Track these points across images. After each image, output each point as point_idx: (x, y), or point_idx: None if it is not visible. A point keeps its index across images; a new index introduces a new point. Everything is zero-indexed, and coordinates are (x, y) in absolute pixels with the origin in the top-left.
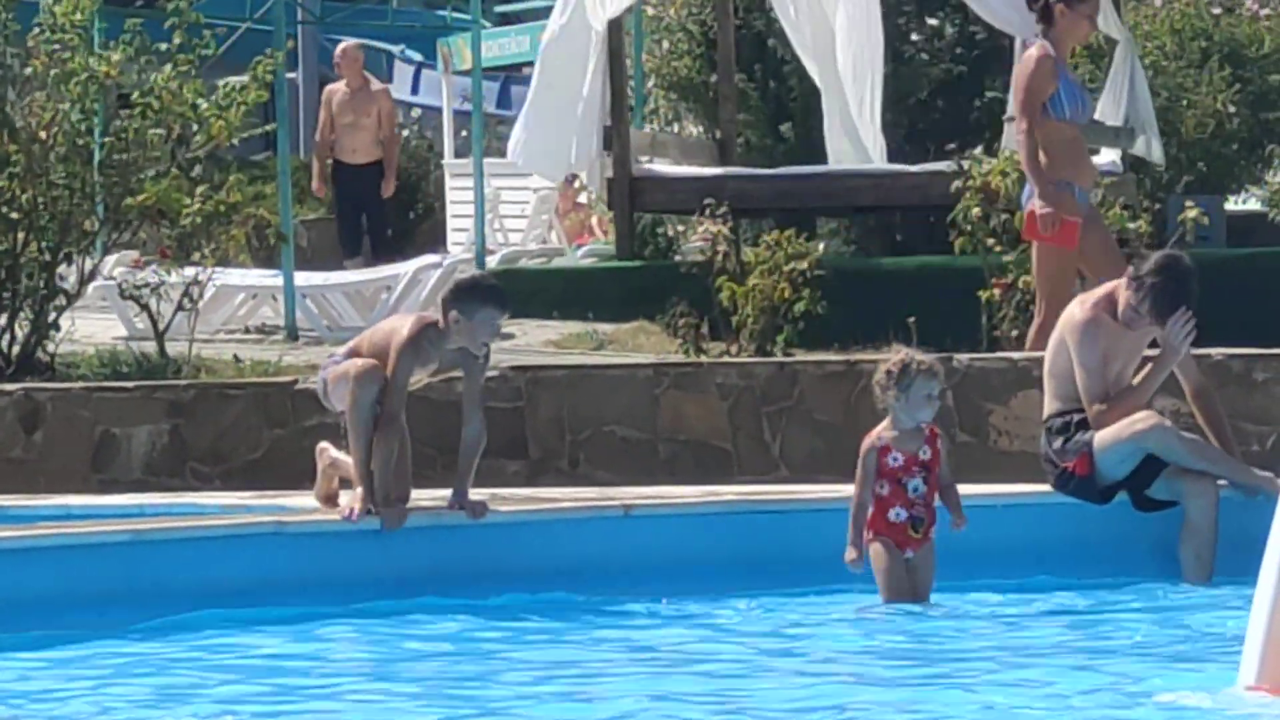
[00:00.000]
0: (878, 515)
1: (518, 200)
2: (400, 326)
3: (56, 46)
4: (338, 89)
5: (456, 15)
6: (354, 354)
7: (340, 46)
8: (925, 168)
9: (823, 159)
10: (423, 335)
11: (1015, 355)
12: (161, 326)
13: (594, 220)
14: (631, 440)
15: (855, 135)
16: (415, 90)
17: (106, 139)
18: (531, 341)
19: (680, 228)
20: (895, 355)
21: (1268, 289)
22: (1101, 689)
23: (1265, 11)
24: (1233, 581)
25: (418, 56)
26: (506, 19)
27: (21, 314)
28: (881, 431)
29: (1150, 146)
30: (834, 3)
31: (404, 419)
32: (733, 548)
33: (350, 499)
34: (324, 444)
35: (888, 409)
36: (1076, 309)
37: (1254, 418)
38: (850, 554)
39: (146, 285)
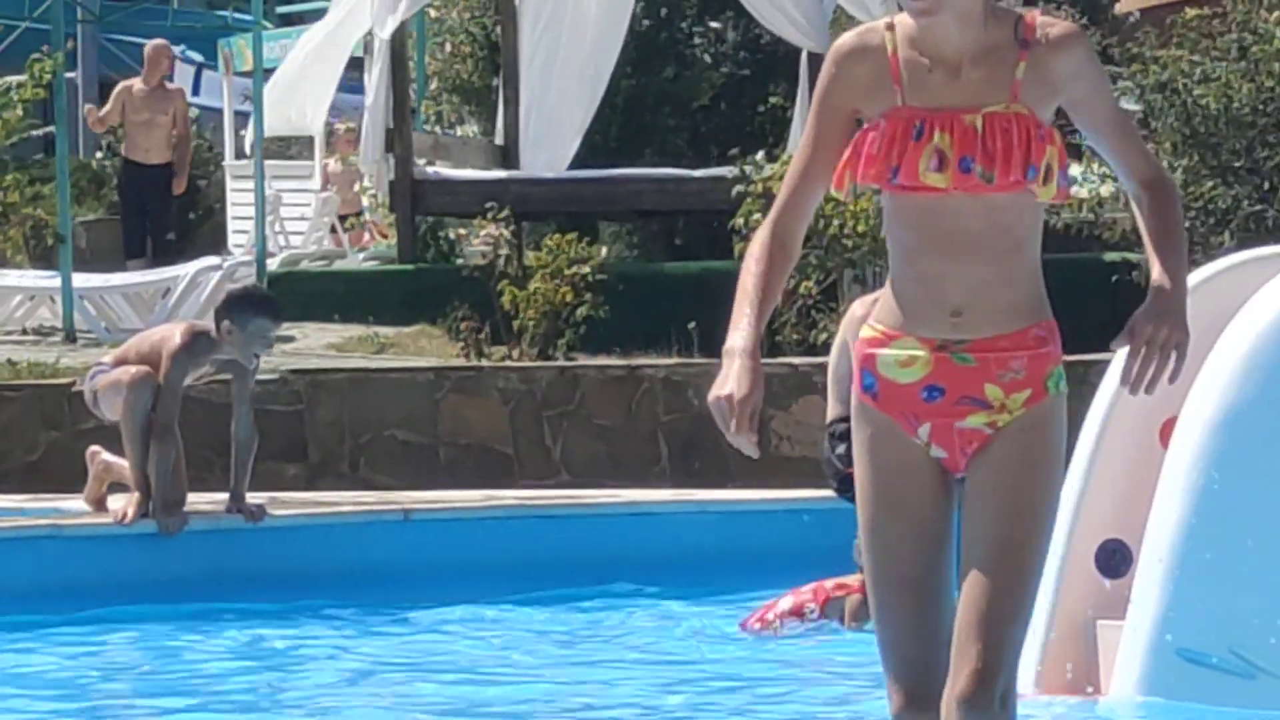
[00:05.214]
0: None
1: (299, 203)
2: (171, 334)
3: None
4: (133, 85)
5: (238, 16)
6: (122, 362)
7: (151, 43)
8: (707, 173)
9: (609, 163)
10: (195, 343)
11: (796, 360)
12: None
13: (371, 221)
14: (412, 444)
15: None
16: (196, 91)
17: None
18: (312, 345)
19: (462, 231)
20: None
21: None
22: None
23: None
24: None
25: (198, 57)
26: (288, 20)
27: None
28: None
29: None
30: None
31: (175, 425)
32: (513, 552)
33: (125, 502)
34: (95, 447)
35: None
36: (857, 307)
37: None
38: None
39: None
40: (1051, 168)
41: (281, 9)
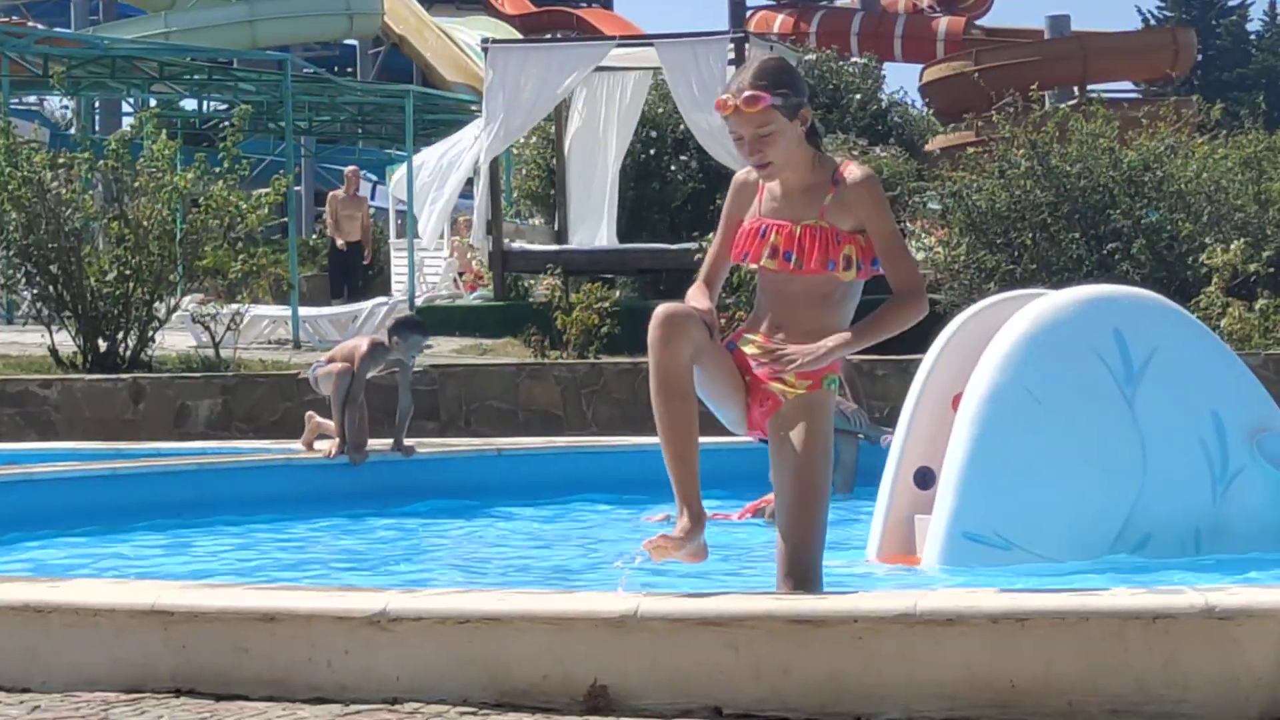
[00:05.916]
0: None
1: (434, 264)
2: (360, 344)
3: (153, 169)
4: (339, 194)
5: (398, 152)
6: (331, 360)
7: (349, 168)
8: (680, 246)
9: (621, 241)
10: (375, 350)
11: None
12: (217, 340)
13: (478, 275)
14: (502, 409)
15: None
16: (372, 198)
17: (184, 226)
18: (442, 349)
19: (532, 281)
20: None
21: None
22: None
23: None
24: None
25: (374, 177)
26: None
27: (132, 332)
28: None
29: None
30: (608, 139)
31: (363, 398)
32: (562, 475)
33: (329, 445)
34: (310, 412)
35: None
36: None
37: (876, 396)
38: None
39: (208, 315)
40: (850, 258)
41: (425, 148)
